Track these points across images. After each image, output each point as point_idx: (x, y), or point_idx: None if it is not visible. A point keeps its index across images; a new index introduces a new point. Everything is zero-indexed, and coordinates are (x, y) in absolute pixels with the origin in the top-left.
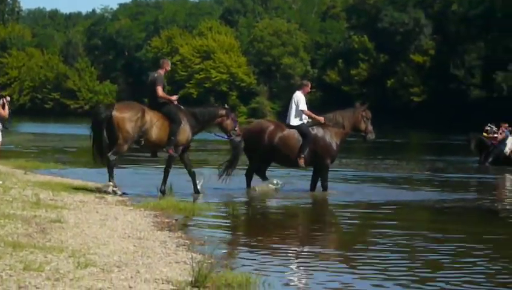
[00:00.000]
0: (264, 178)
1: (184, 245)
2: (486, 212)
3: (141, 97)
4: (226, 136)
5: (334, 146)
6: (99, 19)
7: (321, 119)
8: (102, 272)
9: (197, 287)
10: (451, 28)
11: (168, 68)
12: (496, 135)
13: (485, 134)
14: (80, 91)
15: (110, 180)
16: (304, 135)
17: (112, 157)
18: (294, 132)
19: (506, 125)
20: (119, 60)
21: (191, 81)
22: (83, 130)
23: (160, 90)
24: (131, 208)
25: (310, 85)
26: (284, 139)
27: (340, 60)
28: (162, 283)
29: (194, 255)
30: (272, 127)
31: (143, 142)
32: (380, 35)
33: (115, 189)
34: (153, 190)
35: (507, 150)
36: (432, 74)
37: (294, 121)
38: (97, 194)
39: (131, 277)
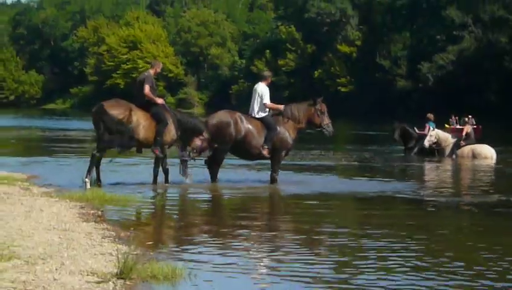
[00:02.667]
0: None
1: (110, 237)
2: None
3: (67, 87)
4: None
5: (290, 140)
6: (24, 8)
7: (281, 107)
8: (26, 265)
9: (123, 278)
10: (377, 18)
11: (159, 70)
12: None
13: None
14: (4, 81)
15: (86, 176)
16: (268, 126)
17: (98, 154)
18: (258, 123)
19: (432, 116)
20: (45, 49)
21: (118, 72)
22: (8, 120)
23: (147, 89)
24: (57, 199)
25: (271, 76)
26: (251, 132)
27: (268, 51)
28: (87, 275)
29: (120, 246)
30: (237, 119)
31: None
32: (307, 26)
33: (86, 181)
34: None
35: (425, 142)
36: (359, 65)
37: (258, 114)
38: (22, 186)
39: (56, 269)
